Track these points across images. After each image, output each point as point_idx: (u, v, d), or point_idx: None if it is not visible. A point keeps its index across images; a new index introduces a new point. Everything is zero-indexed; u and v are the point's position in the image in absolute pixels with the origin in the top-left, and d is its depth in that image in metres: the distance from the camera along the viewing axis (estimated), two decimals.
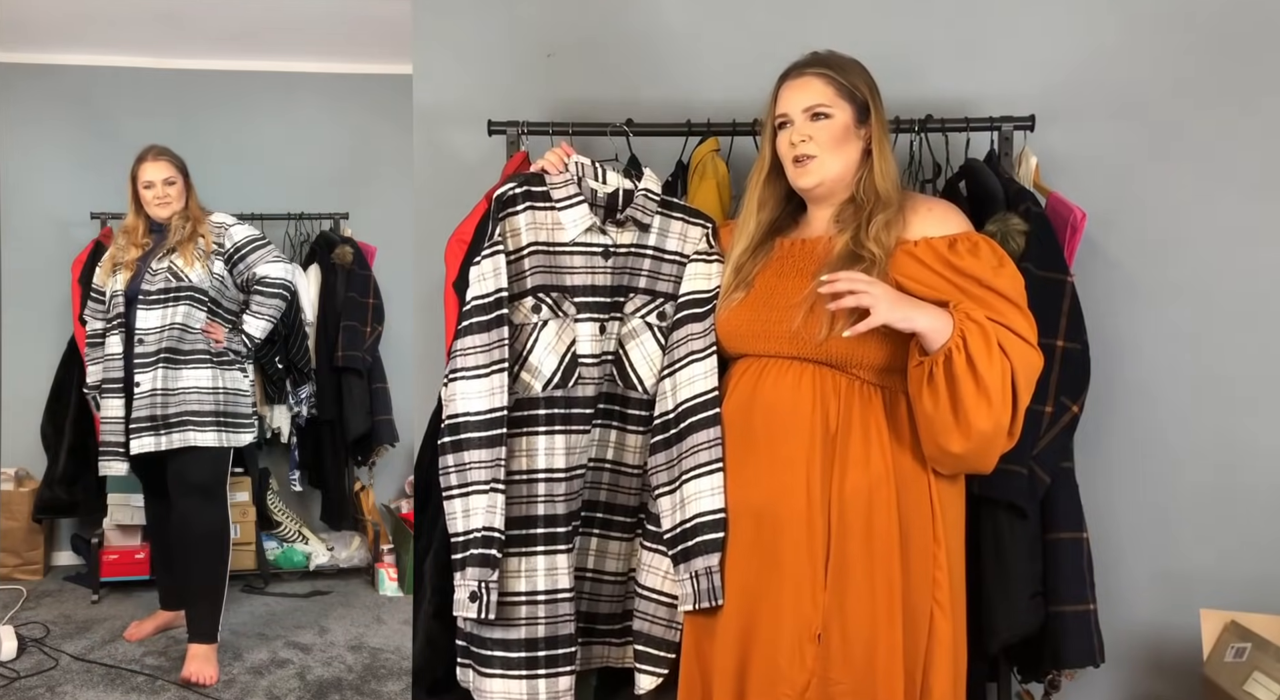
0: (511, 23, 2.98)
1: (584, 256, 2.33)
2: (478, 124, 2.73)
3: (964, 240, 2.08)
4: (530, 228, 2.32)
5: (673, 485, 2.27)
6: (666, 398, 2.30)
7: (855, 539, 2.02)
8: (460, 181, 2.80)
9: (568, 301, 2.32)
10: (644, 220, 2.33)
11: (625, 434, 2.38)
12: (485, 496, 2.22)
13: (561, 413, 2.30)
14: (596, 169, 2.37)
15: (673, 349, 2.32)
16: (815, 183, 2.17)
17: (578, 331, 2.31)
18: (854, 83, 2.15)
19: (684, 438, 2.25)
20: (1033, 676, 2.56)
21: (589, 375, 2.31)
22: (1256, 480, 2.80)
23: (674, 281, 2.36)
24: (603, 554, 2.41)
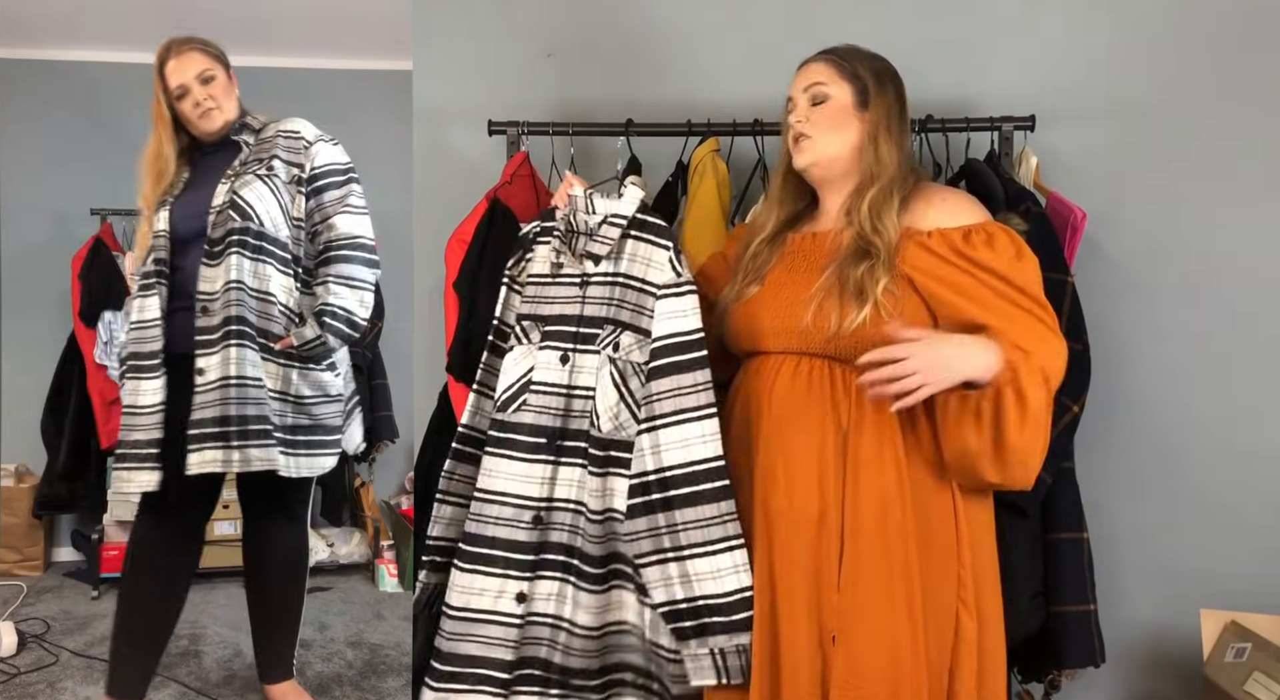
0: (511, 23, 2.98)
1: (565, 287, 2.30)
2: (478, 124, 2.73)
3: (979, 231, 2.04)
4: (535, 260, 2.34)
5: (661, 556, 2.13)
6: (645, 456, 2.15)
7: (870, 538, 2.00)
8: (460, 181, 2.80)
9: (536, 330, 2.29)
10: (597, 252, 2.27)
11: (587, 474, 2.22)
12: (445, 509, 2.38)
13: (502, 437, 2.26)
14: (589, 200, 2.28)
15: (653, 401, 2.15)
16: (810, 161, 2.16)
17: (537, 359, 2.27)
18: (855, 65, 2.15)
19: (673, 507, 2.11)
20: (1033, 676, 2.56)
21: (535, 403, 2.25)
22: (1257, 480, 2.80)
23: (635, 309, 2.23)
24: (573, 603, 2.22)
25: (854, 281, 2.03)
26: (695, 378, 2.15)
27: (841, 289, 2.04)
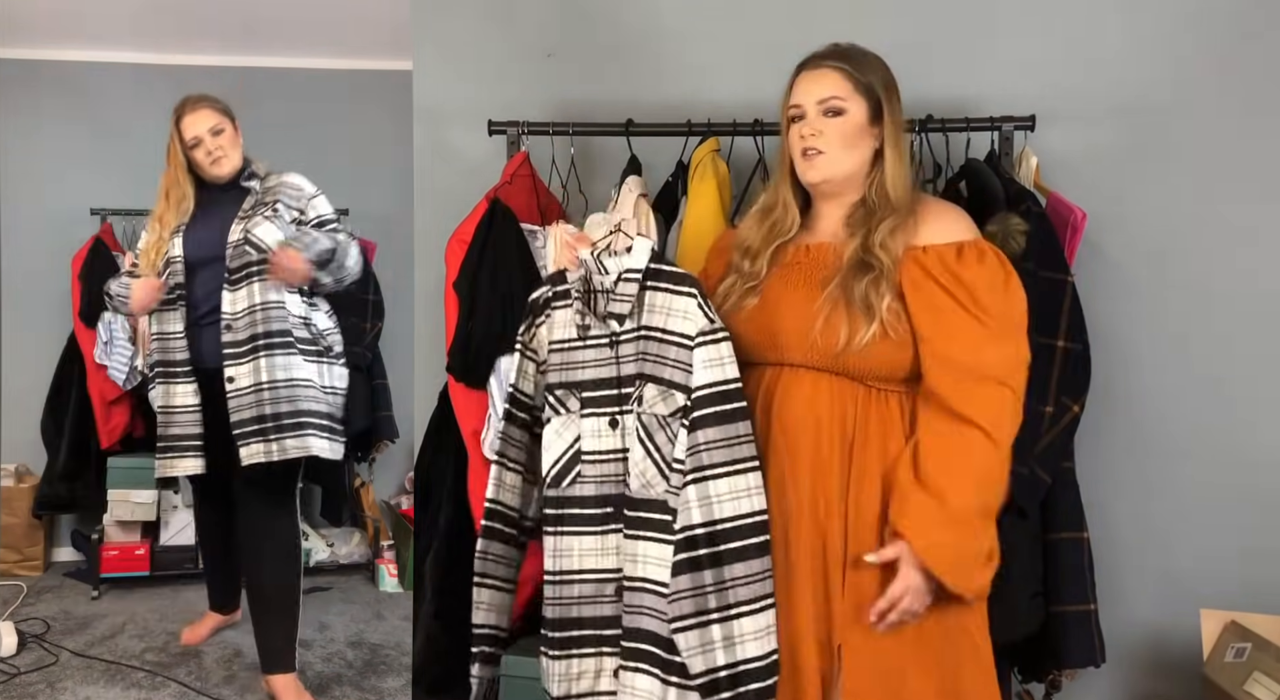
0: (511, 23, 2.98)
1: (595, 350, 2.21)
2: (478, 124, 2.73)
3: (971, 248, 2.04)
4: (555, 327, 2.27)
5: (703, 618, 2.03)
6: (692, 509, 2.04)
7: (873, 544, 2.00)
8: (460, 181, 2.81)
9: (573, 397, 2.20)
10: (620, 311, 2.18)
11: (625, 542, 2.15)
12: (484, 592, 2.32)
13: (556, 513, 2.19)
14: (598, 262, 2.22)
15: (701, 451, 2.05)
16: (822, 178, 2.11)
17: (582, 428, 2.19)
18: (870, 79, 2.10)
19: (723, 563, 2.02)
20: (1033, 676, 2.56)
21: (590, 474, 2.17)
22: (1257, 480, 2.80)
23: (657, 360, 2.14)
24: (635, 691, 2.10)
25: (860, 297, 2.01)
26: (739, 428, 2.07)
27: (848, 304, 2.02)
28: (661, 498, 2.09)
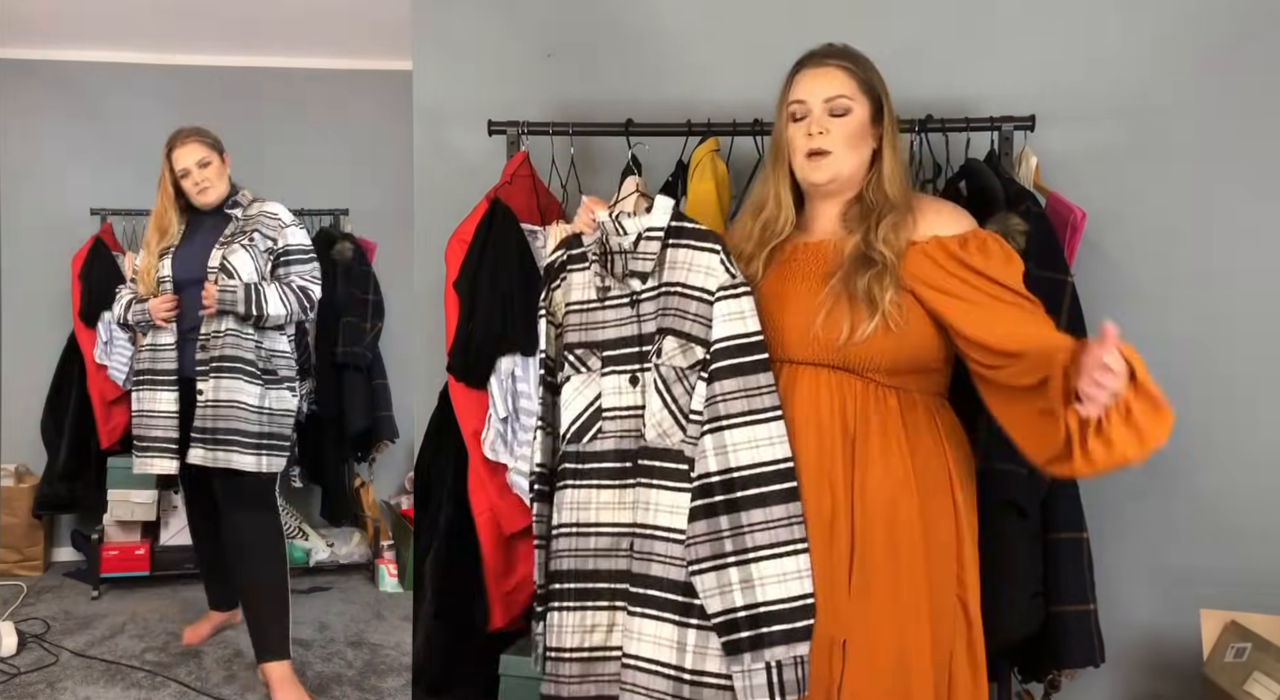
0: (511, 23, 2.98)
1: (614, 309, 2.22)
2: (478, 124, 2.73)
3: (974, 238, 2.06)
4: (573, 288, 2.28)
5: (720, 561, 2.03)
6: (708, 457, 2.05)
7: (879, 543, 2.01)
8: (460, 181, 2.81)
9: (594, 356, 2.22)
10: (643, 269, 2.19)
11: (642, 491, 2.15)
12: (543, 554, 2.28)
13: (575, 467, 2.20)
14: (618, 224, 2.21)
15: (718, 402, 2.06)
16: (828, 178, 2.11)
17: (603, 385, 2.20)
18: (871, 79, 2.12)
19: (739, 509, 2.02)
20: (1033, 676, 2.56)
21: (611, 428, 2.19)
22: (1256, 480, 2.80)
23: (677, 314, 2.14)
24: (640, 636, 2.11)
25: (863, 290, 2.02)
26: (760, 379, 2.06)
27: (850, 298, 2.03)
28: (677, 447, 2.11)
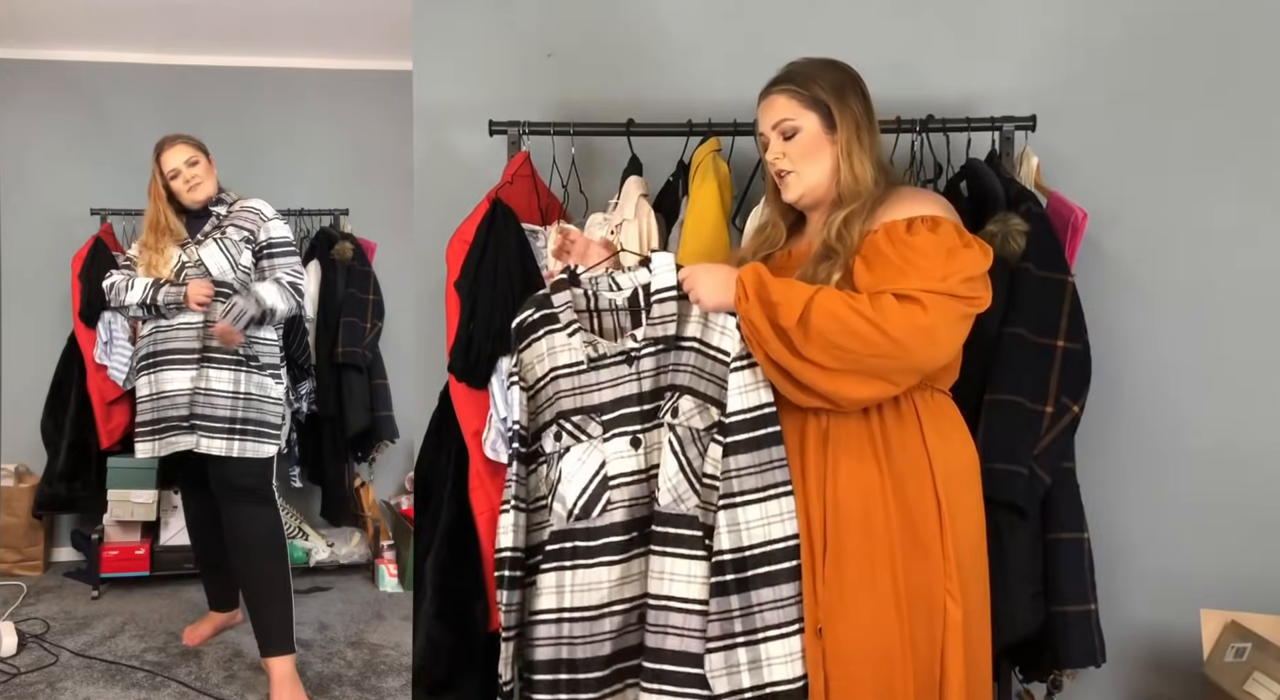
0: (511, 23, 2.98)
1: (610, 369, 2.18)
2: (478, 124, 2.73)
3: (926, 219, 2.07)
4: (550, 353, 2.22)
5: (730, 641, 2.03)
6: (721, 535, 2.04)
7: (853, 534, 2.04)
8: (460, 181, 2.81)
9: (593, 422, 2.16)
10: (663, 334, 2.15)
11: (650, 558, 2.12)
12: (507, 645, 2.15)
13: (584, 545, 2.12)
14: (610, 280, 2.22)
15: (733, 477, 2.05)
16: (797, 195, 2.23)
17: (606, 452, 2.14)
18: (814, 92, 2.18)
19: (749, 588, 2.03)
20: (1034, 676, 2.56)
21: (620, 499, 2.12)
22: (1257, 480, 2.80)
23: (693, 371, 2.14)
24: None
25: (811, 281, 2.08)
26: (773, 453, 2.07)
27: None
28: (691, 513, 2.09)
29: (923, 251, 2.01)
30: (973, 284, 2.01)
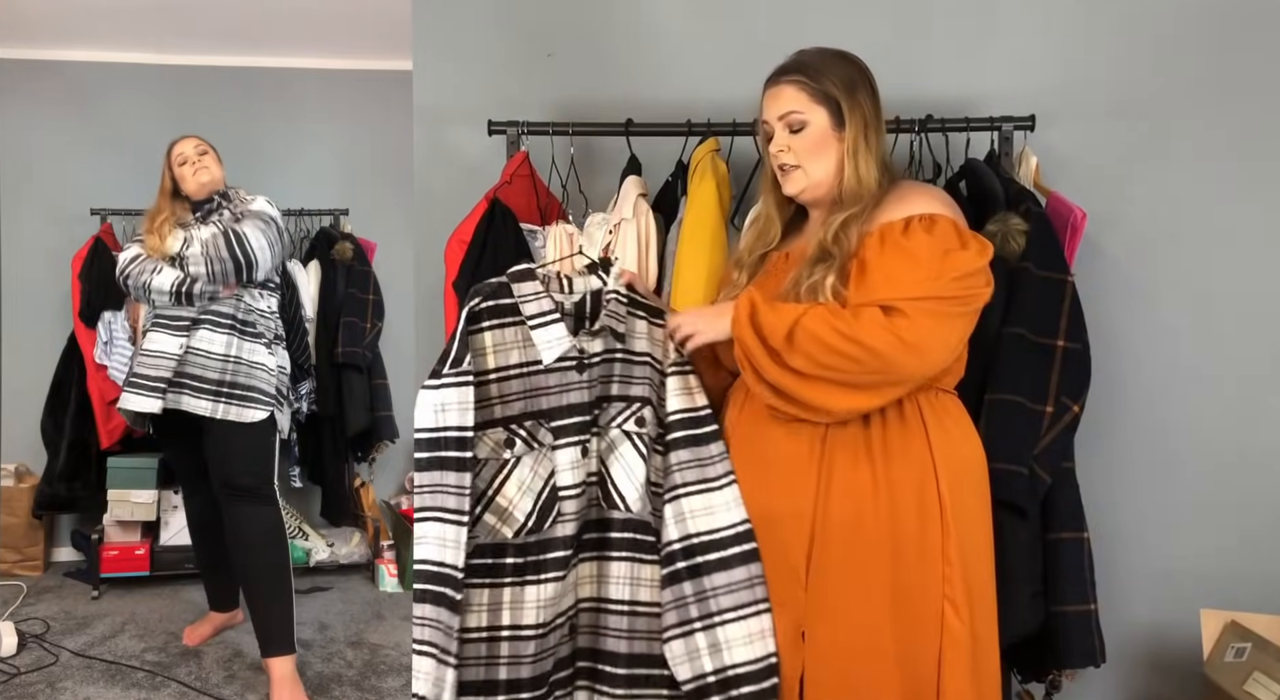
0: (511, 23, 2.98)
1: (558, 374, 2.11)
2: (478, 124, 2.73)
3: (924, 219, 2.04)
4: (499, 349, 2.11)
5: (687, 628, 2.04)
6: (670, 526, 2.06)
7: (840, 537, 2.01)
8: (460, 181, 2.80)
9: (543, 429, 2.09)
10: (619, 329, 2.16)
11: (607, 563, 2.13)
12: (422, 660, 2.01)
13: (534, 560, 2.05)
14: (561, 279, 2.19)
15: (674, 471, 2.08)
16: (798, 190, 2.18)
17: (556, 461, 2.08)
18: (826, 86, 2.12)
19: (701, 574, 2.04)
20: (1033, 676, 2.56)
21: (569, 511, 2.07)
22: (1257, 480, 2.80)
23: (647, 384, 2.15)
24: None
25: (806, 287, 2.06)
26: (712, 449, 2.11)
27: (796, 296, 2.06)
28: (639, 517, 2.12)
29: (914, 255, 1.98)
30: (968, 281, 1.99)
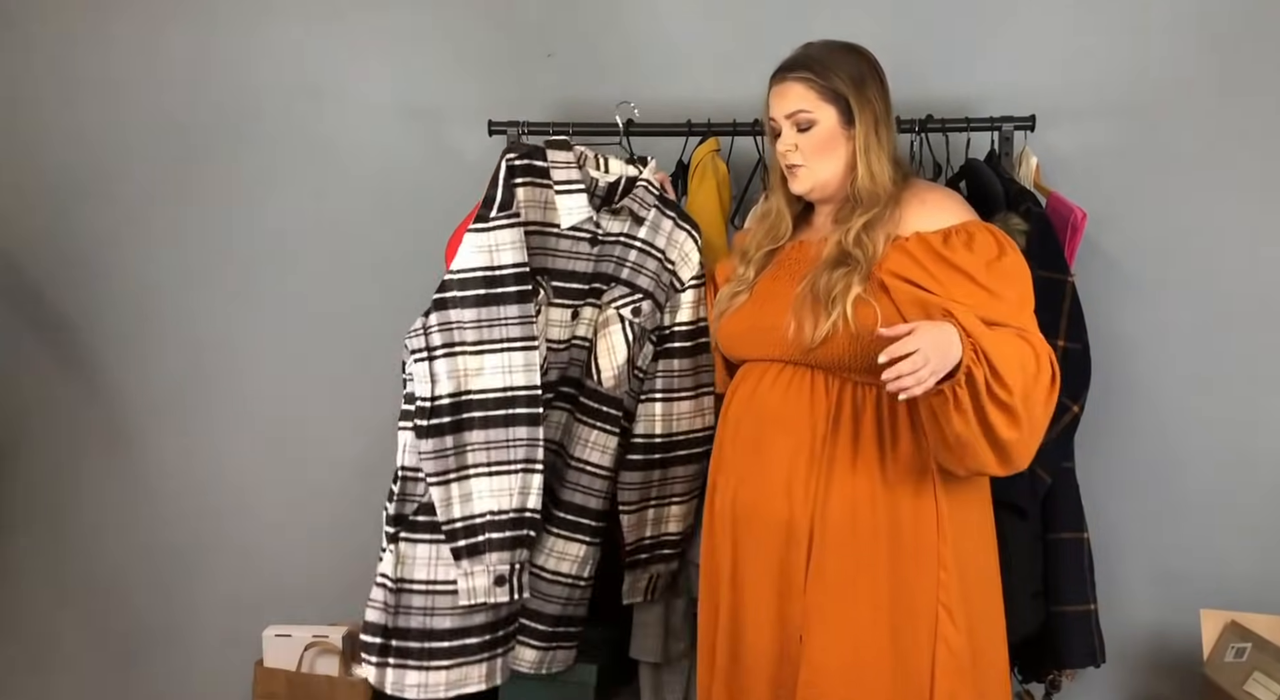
0: (511, 23, 2.98)
1: (570, 241, 2.31)
2: (478, 124, 2.73)
3: (960, 232, 2.04)
4: (528, 205, 2.26)
5: (644, 505, 2.45)
6: (655, 421, 2.42)
7: (837, 542, 2.01)
8: (460, 181, 2.80)
9: (546, 285, 2.29)
10: (640, 213, 2.36)
11: (574, 421, 2.40)
12: (514, 478, 2.19)
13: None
14: (599, 158, 2.36)
15: (654, 377, 2.42)
16: (806, 189, 2.17)
17: (549, 316, 2.30)
18: (835, 84, 2.11)
19: (670, 466, 2.43)
20: (1033, 676, 2.56)
21: (553, 360, 2.31)
22: (1257, 480, 2.80)
23: (654, 278, 2.38)
24: (549, 552, 2.39)
25: (824, 290, 2.04)
26: (702, 360, 2.43)
27: (814, 299, 2.05)
28: (620, 397, 2.37)
29: (994, 278, 1.99)
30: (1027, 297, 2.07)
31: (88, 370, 3.27)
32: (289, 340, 3.19)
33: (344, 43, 3.09)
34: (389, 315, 3.09)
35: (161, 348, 3.23)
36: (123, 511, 3.28)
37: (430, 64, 3.05)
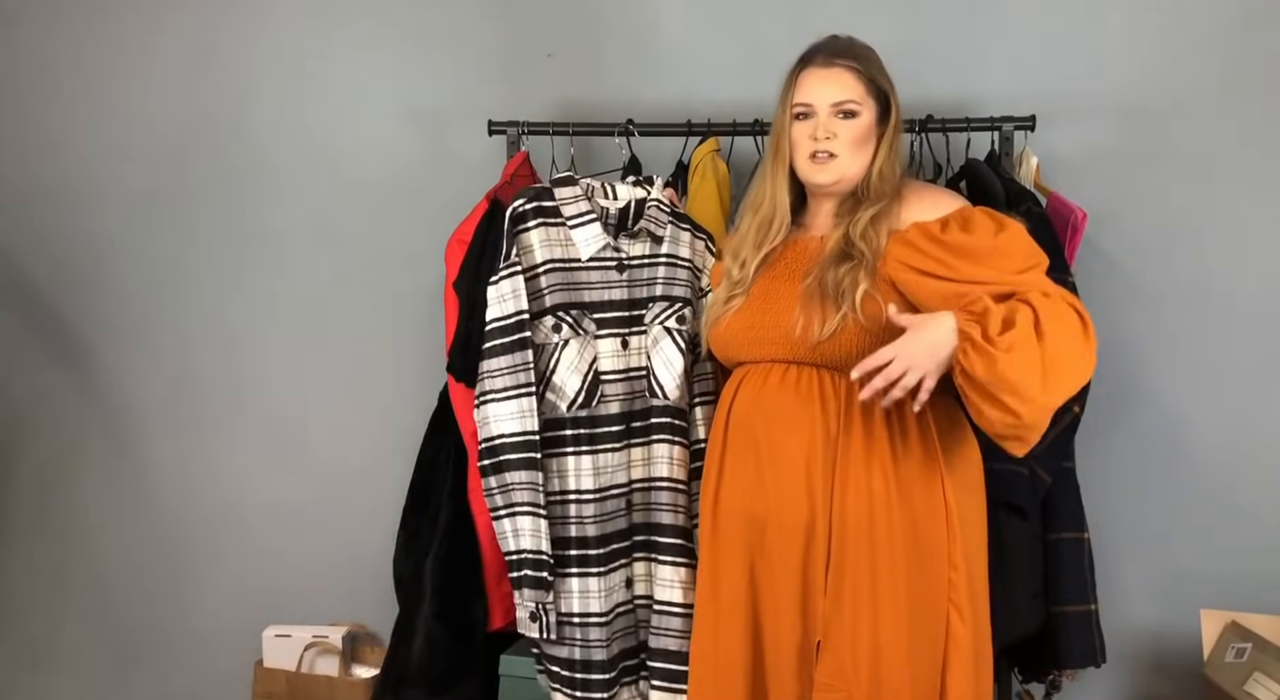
0: (511, 23, 2.98)
1: (599, 271, 2.33)
2: (478, 124, 2.73)
3: (956, 218, 2.03)
4: (544, 244, 2.30)
5: None
6: (700, 427, 2.42)
7: (857, 544, 2.00)
8: (460, 181, 2.80)
9: (587, 318, 2.32)
10: (658, 232, 2.37)
11: (651, 446, 2.38)
12: (529, 519, 2.26)
13: (587, 433, 2.30)
14: (606, 187, 2.38)
15: (704, 379, 2.43)
16: (834, 180, 2.11)
17: (599, 349, 2.32)
18: (879, 79, 2.12)
19: None
20: (1033, 677, 2.57)
21: (612, 393, 2.32)
22: (1257, 480, 2.80)
23: (689, 287, 2.39)
24: (653, 580, 2.38)
25: (832, 285, 2.03)
26: None
27: (822, 295, 2.04)
28: (676, 404, 2.36)
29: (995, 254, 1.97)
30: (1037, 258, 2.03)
31: (87, 370, 3.28)
32: (288, 340, 3.20)
33: (344, 43, 3.10)
34: (388, 315, 3.10)
35: (161, 348, 3.23)
36: (122, 512, 3.29)
37: (430, 64, 3.05)
